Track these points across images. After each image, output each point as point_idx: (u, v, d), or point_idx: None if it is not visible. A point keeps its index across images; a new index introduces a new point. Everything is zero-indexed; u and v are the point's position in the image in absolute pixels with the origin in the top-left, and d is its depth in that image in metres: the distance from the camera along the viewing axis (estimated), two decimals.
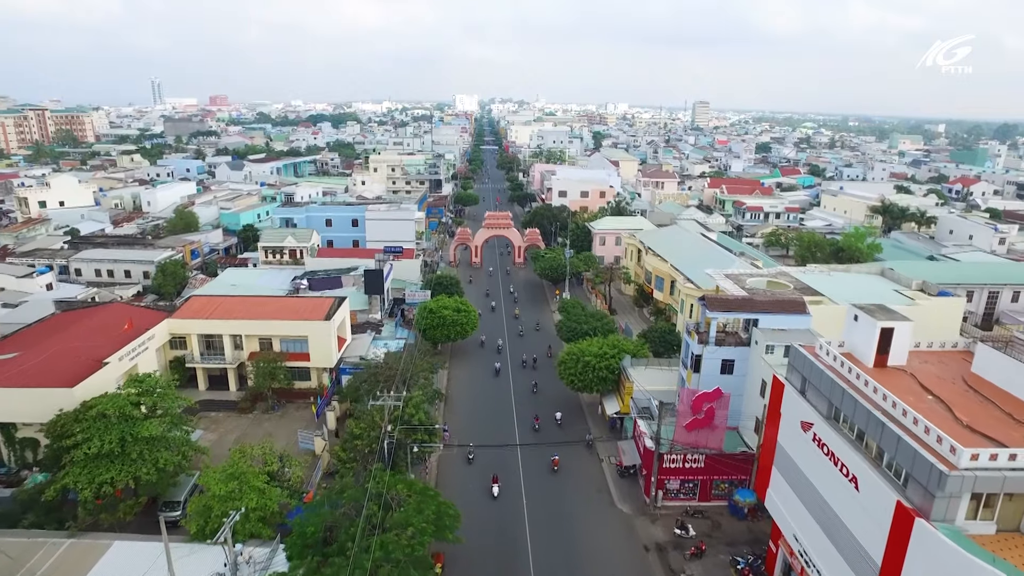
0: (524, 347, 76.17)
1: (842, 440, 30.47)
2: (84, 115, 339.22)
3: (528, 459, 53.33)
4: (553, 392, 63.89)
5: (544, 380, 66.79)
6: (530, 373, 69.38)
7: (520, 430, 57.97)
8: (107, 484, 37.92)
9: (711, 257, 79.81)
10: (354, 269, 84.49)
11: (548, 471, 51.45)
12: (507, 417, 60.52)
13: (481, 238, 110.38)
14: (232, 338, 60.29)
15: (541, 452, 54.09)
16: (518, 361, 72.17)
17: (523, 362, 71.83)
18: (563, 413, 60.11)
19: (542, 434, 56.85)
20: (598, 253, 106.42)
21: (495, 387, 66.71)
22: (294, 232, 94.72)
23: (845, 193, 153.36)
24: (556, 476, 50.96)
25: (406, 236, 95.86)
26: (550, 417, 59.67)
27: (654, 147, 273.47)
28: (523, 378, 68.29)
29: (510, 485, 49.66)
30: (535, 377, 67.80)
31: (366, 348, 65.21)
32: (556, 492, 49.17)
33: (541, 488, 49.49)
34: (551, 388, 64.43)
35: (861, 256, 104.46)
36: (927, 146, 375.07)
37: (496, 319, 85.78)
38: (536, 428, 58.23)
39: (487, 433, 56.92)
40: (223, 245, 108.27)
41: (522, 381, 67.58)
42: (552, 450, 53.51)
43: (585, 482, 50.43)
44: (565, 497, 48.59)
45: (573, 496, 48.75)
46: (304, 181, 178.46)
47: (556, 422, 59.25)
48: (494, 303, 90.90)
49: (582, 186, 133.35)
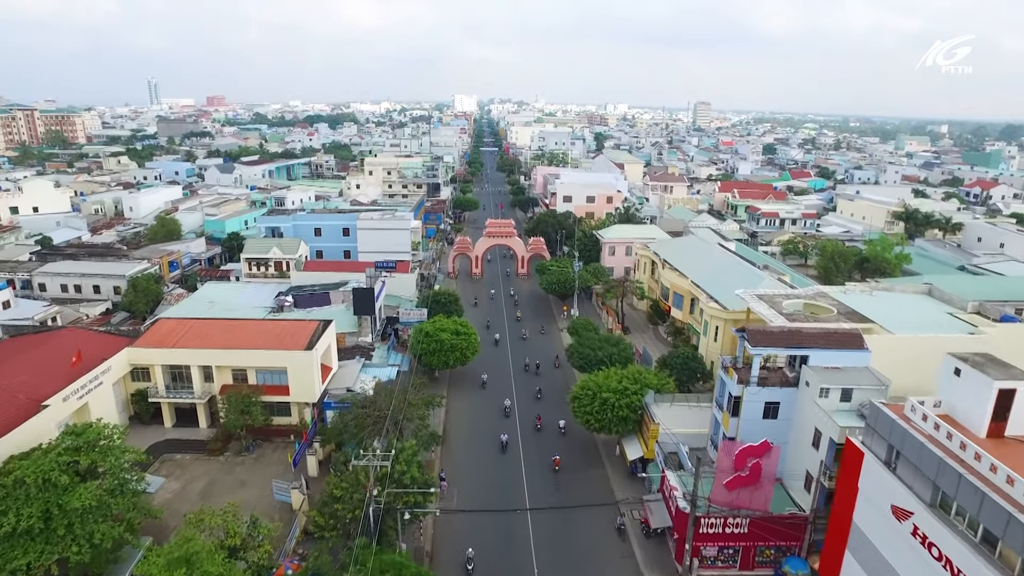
0: (532, 382, 69.15)
1: (958, 541, 23.39)
2: (75, 116, 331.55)
3: (540, 521, 46.21)
4: (572, 429, 56.93)
5: (551, 397, 59.77)
6: (537, 401, 62.42)
7: (529, 485, 50.34)
8: (21, 572, 30.76)
9: (734, 272, 72.74)
10: (344, 284, 77.35)
11: (563, 534, 44.29)
12: (514, 464, 53.41)
13: (482, 247, 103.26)
14: (202, 369, 53.16)
15: (555, 498, 47.01)
16: (528, 395, 65.10)
17: (537, 395, 64.64)
18: (575, 452, 53.12)
19: (559, 492, 49.14)
20: (607, 264, 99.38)
21: (501, 425, 59.64)
22: (280, 243, 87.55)
23: (862, 197, 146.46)
24: (573, 538, 43.81)
25: (401, 247, 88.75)
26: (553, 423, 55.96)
27: (659, 149, 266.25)
28: (528, 409, 61.35)
29: (520, 551, 42.55)
30: (539, 383, 62.46)
31: (354, 378, 58.10)
32: (574, 558, 41.99)
33: (556, 553, 42.35)
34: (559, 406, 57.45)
35: (888, 267, 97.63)
36: (933, 147, 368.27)
37: (500, 355, 74.44)
38: (538, 428, 57.56)
39: (492, 488, 49.62)
40: (206, 255, 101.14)
41: (527, 410, 60.67)
42: (554, 452, 50.98)
43: (607, 546, 43.24)
44: (584, 565, 41.45)
45: (593, 561, 41.63)
46: (297, 184, 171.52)
47: (560, 430, 57.03)
48: (497, 335, 79.16)
49: (588, 191, 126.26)
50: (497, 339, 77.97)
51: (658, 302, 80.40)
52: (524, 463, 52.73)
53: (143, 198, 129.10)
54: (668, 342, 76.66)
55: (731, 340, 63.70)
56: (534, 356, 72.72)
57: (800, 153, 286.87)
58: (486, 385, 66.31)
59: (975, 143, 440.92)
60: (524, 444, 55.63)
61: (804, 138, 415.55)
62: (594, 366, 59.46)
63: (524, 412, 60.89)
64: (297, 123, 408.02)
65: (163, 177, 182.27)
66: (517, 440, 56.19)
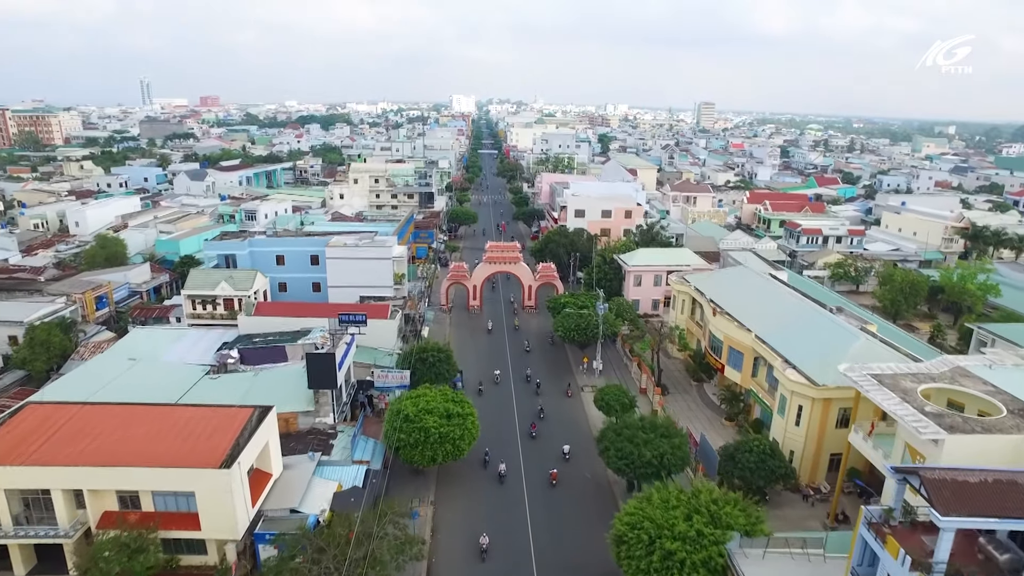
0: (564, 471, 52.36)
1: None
2: (51, 116, 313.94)
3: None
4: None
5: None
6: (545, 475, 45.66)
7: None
8: None
9: (809, 323, 56.00)
10: (306, 333, 60.68)
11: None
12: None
13: (481, 275, 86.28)
14: (71, 494, 36.29)
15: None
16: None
17: (552, 484, 48.28)
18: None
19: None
20: (631, 296, 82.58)
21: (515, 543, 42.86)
22: (232, 275, 70.56)
23: (909, 210, 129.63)
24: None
25: (381, 279, 71.89)
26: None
27: (670, 152, 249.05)
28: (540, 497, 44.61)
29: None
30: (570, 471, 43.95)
31: (303, 488, 41.30)
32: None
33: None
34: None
35: (971, 301, 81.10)
36: (952, 150, 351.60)
37: (508, 438, 55.94)
38: (532, 435, 54.04)
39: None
40: (150, 285, 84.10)
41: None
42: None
43: None
44: None
45: None
46: (276, 193, 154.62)
47: (563, 455, 51.41)
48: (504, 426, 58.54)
49: (603, 204, 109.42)
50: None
51: (705, 355, 63.67)
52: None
53: (91, 211, 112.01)
54: (720, 410, 59.91)
55: (820, 424, 47.06)
56: (558, 433, 56.00)
57: (818, 156, 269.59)
58: (504, 479, 49.41)
59: (987, 145, 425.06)
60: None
61: (815, 140, 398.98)
62: (636, 468, 42.80)
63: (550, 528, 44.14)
64: (288, 124, 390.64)
65: (130, 184, 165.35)
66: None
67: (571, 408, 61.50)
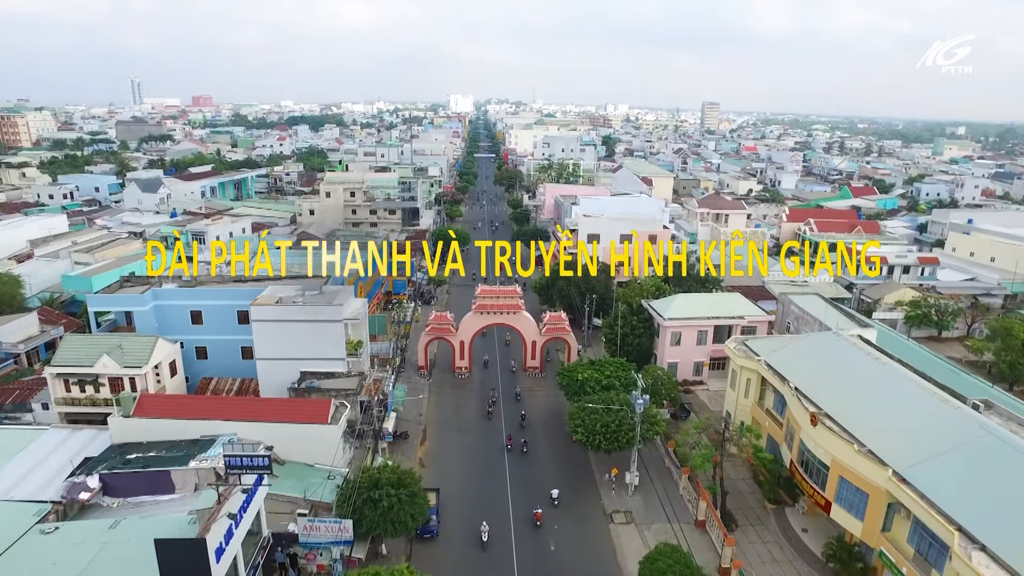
0: None
1: None
2: (18, 116, 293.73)
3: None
4: None
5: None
6: None
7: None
8: None
9: (967, 436, 36.16)
10: (208, 445, 41.07)
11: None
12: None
13: (471, 329, 66.20)
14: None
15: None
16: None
17: None
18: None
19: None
20: (667, 359, 62.68)
21: None
22: (120, 344, 50.64)
23: (979, 228, 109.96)
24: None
25: (330, 348, 51.85)
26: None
27: (683, 156, 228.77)
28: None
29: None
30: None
31: None
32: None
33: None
34: None
35: None
36: (972, 151, 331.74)
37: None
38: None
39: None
40: (36, 342, 64.16)
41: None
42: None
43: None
44: None
45: None
46: (242, 206, 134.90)
47: (552, 500, 43.11)
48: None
49: (622, 227, 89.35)
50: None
51: (790, 472, 43.82)
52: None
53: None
54: (818, 561, 39.96)
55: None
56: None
57: (843, 161, 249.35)
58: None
59: (1001, 146, 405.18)
60: None
61: (827, 142, 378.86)
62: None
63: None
64: (277, 125, 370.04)
65: (78, 195, 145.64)
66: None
67: (595, 551, 41.58)
